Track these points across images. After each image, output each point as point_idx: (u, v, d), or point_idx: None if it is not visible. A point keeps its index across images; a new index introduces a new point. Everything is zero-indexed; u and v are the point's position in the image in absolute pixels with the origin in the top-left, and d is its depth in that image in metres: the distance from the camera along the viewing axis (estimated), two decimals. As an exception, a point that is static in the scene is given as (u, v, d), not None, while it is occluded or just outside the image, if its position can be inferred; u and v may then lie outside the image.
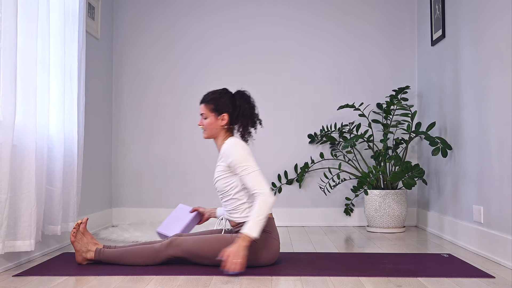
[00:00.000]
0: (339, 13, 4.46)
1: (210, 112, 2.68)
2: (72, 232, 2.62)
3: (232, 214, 2.65)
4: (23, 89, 2.54)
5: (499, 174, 2.76)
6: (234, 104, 2.69)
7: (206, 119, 2.69)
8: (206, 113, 2.69)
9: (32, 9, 2.60)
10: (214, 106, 2.67)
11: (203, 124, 2.70)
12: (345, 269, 2.54)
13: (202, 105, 2.71)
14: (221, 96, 2.69)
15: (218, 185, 2.66)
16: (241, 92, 2.74)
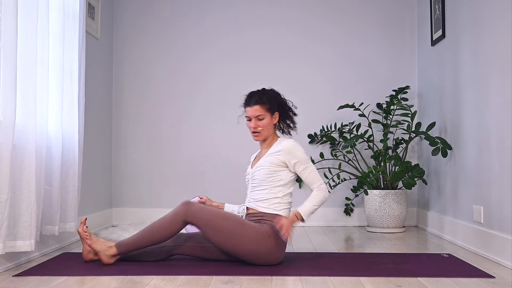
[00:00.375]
0: (339, 14, 4.46)
1: (266, 112, 2.72)
2: (85, 236, 2.64)
3: (259, 203, 2.69)
4: (23, 89, 2.54)
5: (499, 174, 2.76)
6: (278, 102, 2.78)
7: (263, 120, 2.71)
8: (263, 114, 2.71)
9: (32, 9, 2.60)
10: (269, 106, 2.73)
11: (259, 125, 2.71)
12: (345, 269, 2.54)
13: (257, 106, 2.70)
14: (270, 95, 2.76)
15: (259, 174, 2.69)
16: (274, 90, 2.85)
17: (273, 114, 2.75)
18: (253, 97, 2.74)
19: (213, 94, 4.47)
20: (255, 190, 2.73)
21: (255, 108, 2.71)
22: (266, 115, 2.72)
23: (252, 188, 2.75)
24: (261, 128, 2.72)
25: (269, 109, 2.73)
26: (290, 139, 2.78)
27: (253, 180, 2.75)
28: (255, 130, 2.72)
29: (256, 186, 2.72)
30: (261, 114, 2.70)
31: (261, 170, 2.70)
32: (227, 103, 4.42)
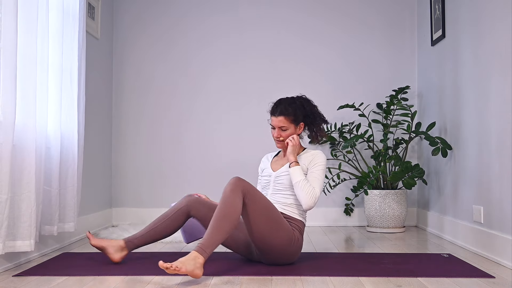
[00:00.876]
0: (339, 14, 4.46)
1: (290, 123, 2.75)
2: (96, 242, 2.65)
3: (287, 207, 2.69)
4: (23, 89, 2.54)
5: (499, 174, 2.76)
6: (306, 112, 2.79)
7: (286, 131, 2.75)
8: (287, 125, 2.74)
9: (32, 9, 2.60)
10: (294, 118, 2.75)
11: (282, 135, 2.75)
12: (345, 269, 2.54)
13: (282, 117, 2.73)
14: (297, 107, 2.76)
15: (287, 180, 2.70)
16: (304, 97, 2.84)
17: (297, 125, 2.78)
18: (279, 107, 2.75)
19: (213, 94, 4.47)
20: (280, 193, 2.73)
21: (279, 119, 2.74)
22: (290, 126, 2.75)
23: (276, 190, 2.74)
24: (283, 138, 2.76)
25: (293, 121, 2.75)
26: (319, 151, 2.82)
27: (278, 183, 2.75)
28: (277, 139, 2.77)
29: (282, 190, 2.73)
30: (284, 126, 2.74)
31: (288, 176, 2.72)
32: (227, 103, 4.43)
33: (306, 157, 2.76)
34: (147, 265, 2.66)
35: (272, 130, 2.80)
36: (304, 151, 2.83)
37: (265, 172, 2.86)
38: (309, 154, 2.78)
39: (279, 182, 2.75)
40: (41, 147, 2.75)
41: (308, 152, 2.81)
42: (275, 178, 2.77)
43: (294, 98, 2.82)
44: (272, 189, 2.76)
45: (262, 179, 2.87)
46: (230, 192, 2.41)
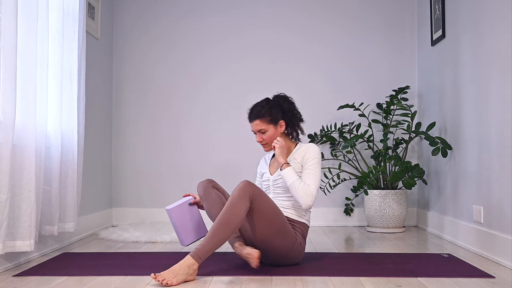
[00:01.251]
0: (339, 14, 4.46)
1: (268, 124, 2.72)
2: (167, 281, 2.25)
3: (289, 211, 2.67)
4: (23, 89, 2.54)
5: (499, 174, 2.76)
6: (283, 109, 2.76)
7: (266, 133, 2.72)
8: (265, 127, 2.71)
9: (32, 9, 2.60)
10: (270, 118, 2.72)
11: (264, 138, 2.73)
12: (345, 269, 2.54)
13: (257, 121, 2.71)
14: (271, 106, 2.73)
15: (284, 183, 2.67)
16: (279, 95, 2.83)
17: (277, 124, 2.74)
18: (253, 111, 2.73)
19: (213, 94, 4.47)
20: (280, 196, 2.71)
21: (256, 123, 2.72)
22: (269, 127, 2.72)
23: (276, 194, 2.73)
24: (266, 142, 2.74)
25: (271, 121, 2.72)
26: (310, 143, 2.80)
27: (277, 187, 2.73)
28: (261, 143, 2.76)
29: (281, 193, 2.71)
30: (262, 128, 2.71)
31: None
32: (227, 103, 4.43)
33: (299, 154, 2.73)
34: (147, 265, 2.66)
35: (254, 135, 2.79)
36: (296, 147, 2.79)
37: (265, 176, 2.85)
38: (302, 150, 2.74)
39: (278, 186, 2.73)
40: (41, 147, 2.75)
41: (301, 147, 2.77)
42: (273, 182, 2.76)
43: (268, 98, 2.79)
44: (272, 193, 2.75)
45: (263, 183, 2.86)
46: (238, 198, 2.39)
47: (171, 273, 2.24)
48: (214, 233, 2.34)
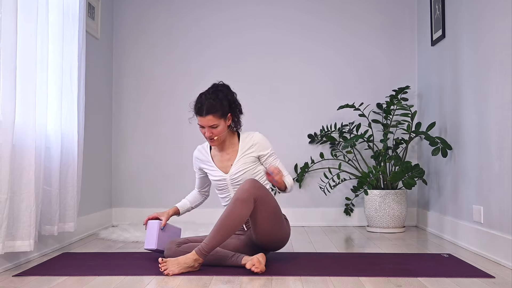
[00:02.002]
0: (339, 14, 4.46)
1: (219, 119, 2.63)
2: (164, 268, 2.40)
3: None
4: (23, 89, 2.54)
5: (499, 174, 2.75)
6: (230, 102, 2.70)
7: (217, 128, 2.63)
8: (217, 122, 2.61)
9: (31, 9, 2.60)
10: (221, 112, 2.63)
11: (213, 133, 2.63)
12: (345, 269, 2.54)
13: (210, 116, 2.59)
14: (220, 99, 2.65)
15: (245, 177, 2.67)
16: (224, 85, 2.77)
17: (226, 118, 2.66)
18: (204, 105, 2.60)
19: (213, 94, 4.46)
20: None
21: (208, 119, 2.60)
22: (220, 122, 2.63)
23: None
24: (216, 136, 2.65)
25: (221, 115, 2.63)
26: (256, 132, 2.77)
27: (237, 184, 2.70)
28: (210, 138, 2.65)
29: None
30: (214, 123, 2.61)
31: (246, 173, 2.69)
32: (227, 103, 4.42)
33: (246, 143, 2.73)
34: (147, 265, 2.66)
35: (200, 129, 2.66)
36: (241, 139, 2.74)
37: (215, 175, 2.75)
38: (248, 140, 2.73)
39: (238, 183, 2.70)
40: (41, 147, 2.75)
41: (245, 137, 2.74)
42: (231, 180, 2.72)
43: (216, 90, 2.69)
44: (233, 191, 2.73)
45: (213, 182, 2.78)
46: (242, 201, 2.43)
47: (175, 263, 2.40)
48: (216, 233, 2.42)
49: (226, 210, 2.45)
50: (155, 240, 2.71)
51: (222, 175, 2.74)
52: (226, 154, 2.76)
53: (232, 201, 2.46)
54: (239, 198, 2.43)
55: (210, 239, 2.42)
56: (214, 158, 2.80)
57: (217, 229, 2.43)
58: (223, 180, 2.74)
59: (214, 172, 2.78)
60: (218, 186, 2.78)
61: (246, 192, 2.43)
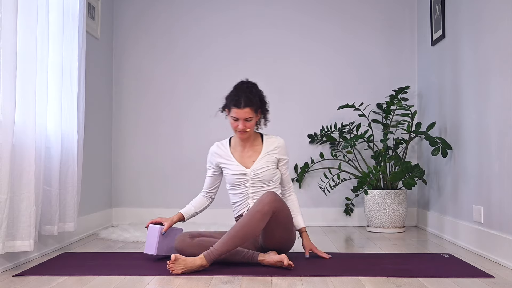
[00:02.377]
0: (339, 14, 4.46)
1: (254, 113, 2.72)
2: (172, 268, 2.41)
3: None
4: (23, 89, 2.54)
5: (499, 174, 2.75)
6: (260, 98, 2.77)
7: (251, 121, 2.71)
8: (252, 115, 2.70)
9: (31, 9, 2.60)
10: (255, 107, 2.71)
11: (248, 126, 2.70)
12: (345, 269, 2.54)
13: (247, 109, 2.67)
14: (254, 94, 2.72)
15: (266, 175, 2.74)
16: (253, 82, 2.82)
17: (257, 113, 2.75)
18: (242, 98, 2.68)
19: (213, 94, 4.45)
20: (262, 190, 2.75)
21: (246, 111, 2.67)
22: (253, 115, 2.71)
23: (256, 188, 2.76)
24: (249, 129, 2.72)
25: (256, 110, 2.72)
26: (278, 136, 2.88)
27: (258, 180, 2.75)
28: (243, 130, 2.71)
29: (262, 186, 2.75)
30: (250, 117, 2.69)
31: (267, 172, 2.75)
32: (227, 103, 4.42)
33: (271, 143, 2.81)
34: (147, 265, 2.66)
35: (233, 121, 2.72)
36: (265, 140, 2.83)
37: (233, 169, 2.78)
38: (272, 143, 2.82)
39: (258, 179, 2.75)
40: (41, 147, 2.75)
41: (269, 139, 2.84)
42: (252, 175, 2.75)
43: (249, 86, 2.76)
44: (251, 187, 2.76)
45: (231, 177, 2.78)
46: (262, 215, 2.48)
47: (182, 264, 2.40)
48: (229, 241, 2.45)
49: (244, 220, 2.48)
50: (155, 246, 2.71)
51: (243, 170, 2.77)
52: (248, 151, 2.82)
53: (251, 212, 2.49)
54: (260, 210, 2.47)
55: (222, 246, 2.44)
56: (234, 154, 2.84)
57: (231, 236, 2.46)
58: (243, 175, 2.77)
59: (234, 166, 2.80)
60: (236, 181, 2.78)
61: (267, 205, 2.48)
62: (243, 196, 2.78)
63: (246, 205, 2.78)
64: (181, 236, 2.69)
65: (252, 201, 2.76)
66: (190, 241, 2.64)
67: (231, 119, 2.74)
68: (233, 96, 2.73)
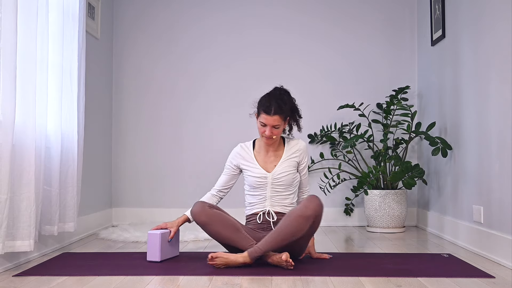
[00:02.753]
0: (339, 14, 4.46)
1: (283, 121, 2.74)
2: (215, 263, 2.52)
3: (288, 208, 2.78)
4: (23, 89, 2.54)
5: (499, 174, 2.75)
6: (291, 107, 2.80)
7: (278, 128, 2.73)
8: (280, 123, 2.72)
9: (31, 9, 2.60)
10: (285, 115, 2.74)
11: (275, 133, 2.72)
12: (345, 269, 2.54)
13: (277, 116, 2.69)
14: (285, 102, 2.75)
15: (287, 179, 2.77)
16: (286, 90, 2.85)
17: (286, 121, 2.79)
18: (273, 105, 2.69)
19: (213, 94, 4.47)
20: (281, 194, 2.77)
21: (275, 118, 2.69)
22: (282, 123, 2.73)
23: (276, 192, 2.77)
24: (276, 136, 2.74)
25: (284, 118, 2.75)
26: (300, 139, 2.89)
27: (278, 184, 2.76)
28: (270, 137, 2.73)
29: (281, 191, 2.77)
30: (278, 124, 2.71)
31: (288, 176, 2.77)
32: (227, 103, 4.42)
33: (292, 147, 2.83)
34: (147, 265, 2.66)
35: (261, 126, 2.74)
36: (287, 143, 2.86)
37: (255, 172, 2.79)
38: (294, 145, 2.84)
39: (279, 184, 2.76)
40: (41, 147, 2.75)
41: (291, 141, 2.86)
42: (273, 179, 2.77)
43: (281, 93, 2.78)
44: (270, 191, 2.77)
45: (251, 179, 2.79)
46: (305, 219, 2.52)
47: (223, 261, 2.50)
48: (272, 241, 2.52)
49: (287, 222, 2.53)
50: (158, 253, 2.70)
51: (264, 174, 2.79)
52: (271, 156, 2.83)
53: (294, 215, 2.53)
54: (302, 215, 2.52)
55: (266, 244, 2.51)
56: (257, 157, 2.85)
57: (274, 236, 2.52)
58: (264, 178, 2.78)
59: (256, 170, 2.81)
60: (256, 184, 2.79)
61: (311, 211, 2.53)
62: (261, 198, 2.79)
63: (263, 207, 2.78)
64: (200, 205, 2.68)
65: (270, 204, 2.77)
66: (209, 209, 2.66)
67: (259, 124, 2.76)
68: (264, 101, 2.74)
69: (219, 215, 2.65)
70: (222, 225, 2.62)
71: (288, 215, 2.57)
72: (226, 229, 2.61)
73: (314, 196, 2.62)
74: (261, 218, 2.76)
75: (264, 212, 2.77)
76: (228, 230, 2.61)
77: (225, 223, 2.63)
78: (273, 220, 2.75)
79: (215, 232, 2.64)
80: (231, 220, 2.66)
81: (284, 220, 2.56)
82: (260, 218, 2.76)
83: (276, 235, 2.53)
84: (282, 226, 2.54)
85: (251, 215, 2.83)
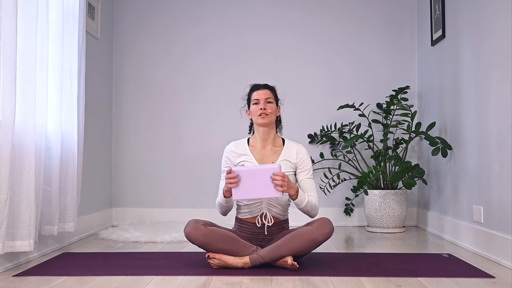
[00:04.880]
0: (339, 14, 4.46)
1: (274, 99, 2.75)
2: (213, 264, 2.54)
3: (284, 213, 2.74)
4: (23, 89, 2.54)
5: (499, 174, 2.76)
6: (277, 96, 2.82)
7: (271, 104, 2.72)
8: (272, 99, 2.72)
9: (31, 9, 2.60)
10: (274, 95, 2.76)
11: (268, 108, 2.69)
12: (345, 269, 2.54)
13: (267, 90, 2.72)
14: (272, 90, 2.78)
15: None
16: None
17: (277, 104, 2.78)
18: (261, 84, 2.77)
19: (213, 94, 4.47)
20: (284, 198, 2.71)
21: (265, 92, 2.72)
22: (274, 101, 2.73)
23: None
24: (270, 111, 2.68)
25: (275, 98, 2.75)
26: (300, 144, 2.81)
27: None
28: (264, 111, 2.66)
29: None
30: (270, 97, 2.71)
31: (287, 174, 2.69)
32: (227, 103, 4.42)
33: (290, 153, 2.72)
34: (147, 265, 2.66)
35: (254, 107, 2.69)
36: (285, 144, 2.76)
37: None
38: (292, 149, 2.74)
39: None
40: (41, 147, 2.75)
41: (290, 145, 2.76)
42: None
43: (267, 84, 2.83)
44: None
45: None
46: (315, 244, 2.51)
47: (222, 263, 2.51)
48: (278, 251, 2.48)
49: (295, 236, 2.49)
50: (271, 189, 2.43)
51: None
52: (268, 151, 2.74)
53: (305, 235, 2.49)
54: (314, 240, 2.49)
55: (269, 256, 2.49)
56: (253, 152, 2.75)
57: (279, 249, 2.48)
58: None
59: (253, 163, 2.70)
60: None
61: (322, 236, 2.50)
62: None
63: (259, 210, 2.67)
64: (195, 224, 2.56)
65: (266, 206, 2.66)
66: (204, 228, 2.54)
67: (252, 108, 2.71)
68: (252, 85, 2.81)
69: (215, 232, 2.54)
70: (222, 242, 2.52)
71: (299, 234, 2.50)
72: (226, 244, 2.52)
73: (328, 221, 2.55)
74: (259, 222, 2.65)
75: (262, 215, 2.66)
76: (228, 244, 2.52)
77: (223, 238, 2.53)
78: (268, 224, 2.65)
79: (216, 249, 2.54)
80: (226, 233, 2.56)
81: (293, 237, 2.49)
82: (258, 221, 2.65)
83: (281, 249, 2.48)
84: (289, 242, 2.48)
85: (244, 219, 2.72)
